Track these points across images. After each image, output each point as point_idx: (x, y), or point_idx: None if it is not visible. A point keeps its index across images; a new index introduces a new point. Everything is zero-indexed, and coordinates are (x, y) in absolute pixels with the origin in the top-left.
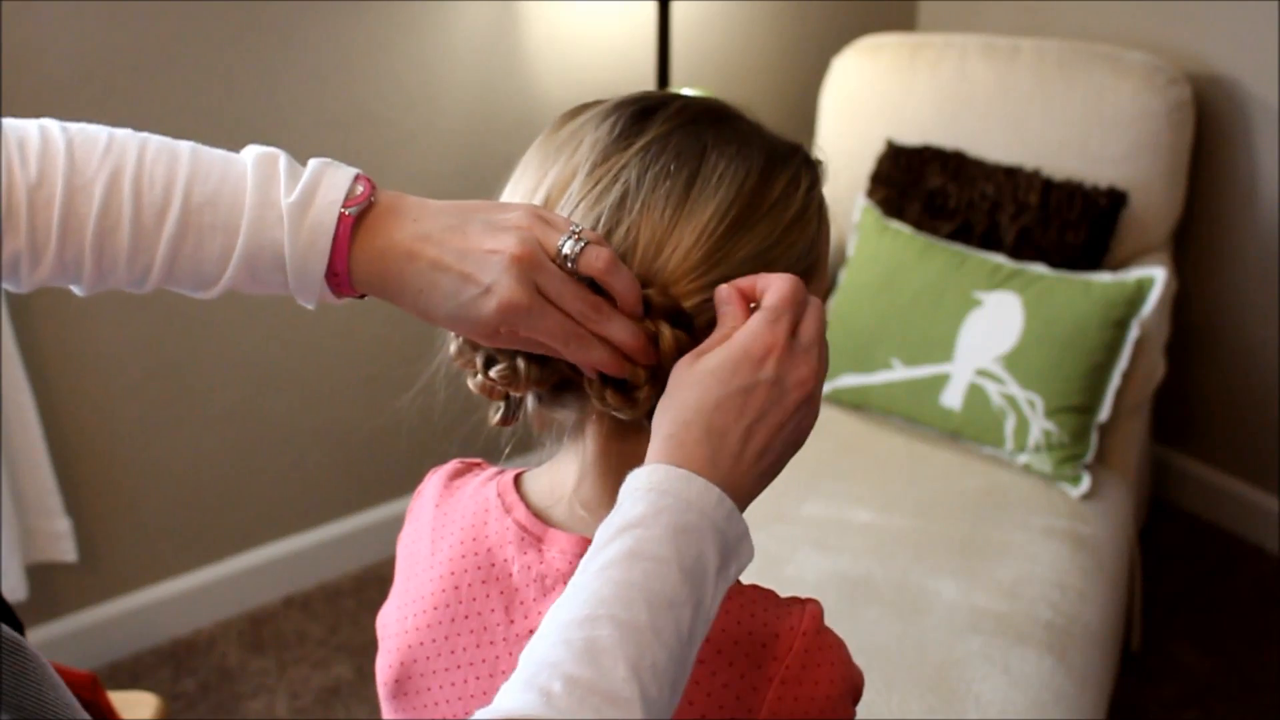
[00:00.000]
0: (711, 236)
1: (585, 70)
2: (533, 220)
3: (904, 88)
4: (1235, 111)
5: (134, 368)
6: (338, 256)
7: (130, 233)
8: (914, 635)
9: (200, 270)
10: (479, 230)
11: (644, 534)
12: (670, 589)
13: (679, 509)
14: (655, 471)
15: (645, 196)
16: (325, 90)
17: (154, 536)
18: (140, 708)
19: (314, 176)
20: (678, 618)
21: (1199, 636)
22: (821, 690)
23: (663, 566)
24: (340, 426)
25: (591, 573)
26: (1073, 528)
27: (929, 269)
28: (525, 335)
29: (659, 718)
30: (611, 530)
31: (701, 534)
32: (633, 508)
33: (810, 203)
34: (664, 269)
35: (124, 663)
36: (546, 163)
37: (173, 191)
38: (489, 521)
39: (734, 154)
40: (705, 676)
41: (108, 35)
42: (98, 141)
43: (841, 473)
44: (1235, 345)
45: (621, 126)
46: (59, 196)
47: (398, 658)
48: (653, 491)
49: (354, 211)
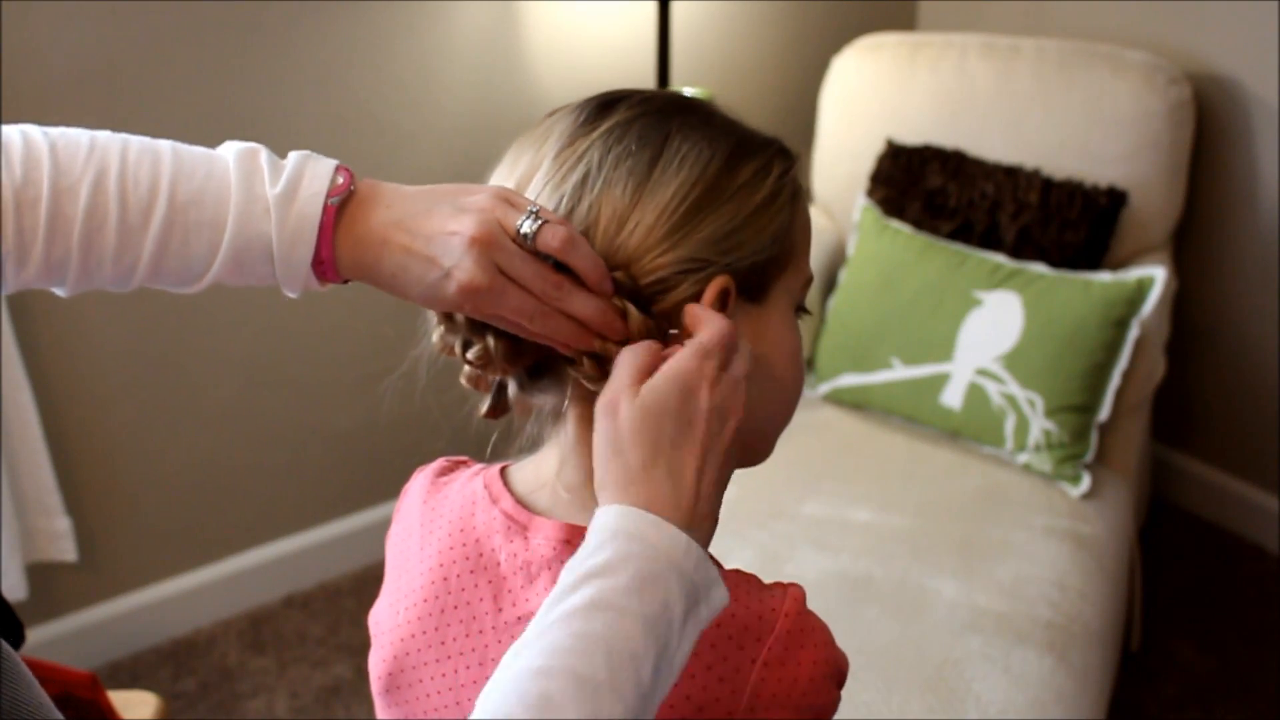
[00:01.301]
0: (674, 215)
1: (585, 70)
2: (495, 202)
3: (904, 87)
4: (1235, 111)
5: (134, 367)
6: (323, 245)
7: (117, 231)
8: (914, 635)
9: (187, 266)
10: (444, 214)
11: (608, 583)
12: (632, 642)
13: (646, 556)
14: (624, 516)
15: (607, 174)
16: (325, 90)
17: (154, 536)
18: (140, 708)
19: (297, 169)
20: (638, 670)
21: (1199, 636)
22: (805, 672)
23: (625, 618)
24: (340, 426)
25: (553, 619)
26: (1073, 527)
27: (929, 268)
28: (491, 313)
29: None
30: (576, 576)
31: (668, 582)
32: (598, 552)
33: (781, 189)
34: (625, 245)
35: (124, 663)
36: (520, 156)
37: (158, 189)
38: (476, 513)
39: (698, 138)
40: (689, 658)
41: (108, 35)
42: (80, 145)
43: (841, 472)
44: (1235, 345)
45: (587, 114)
46: (45, 198)
47: (390, 652)
48: (619, 536)
49: (336, 201)
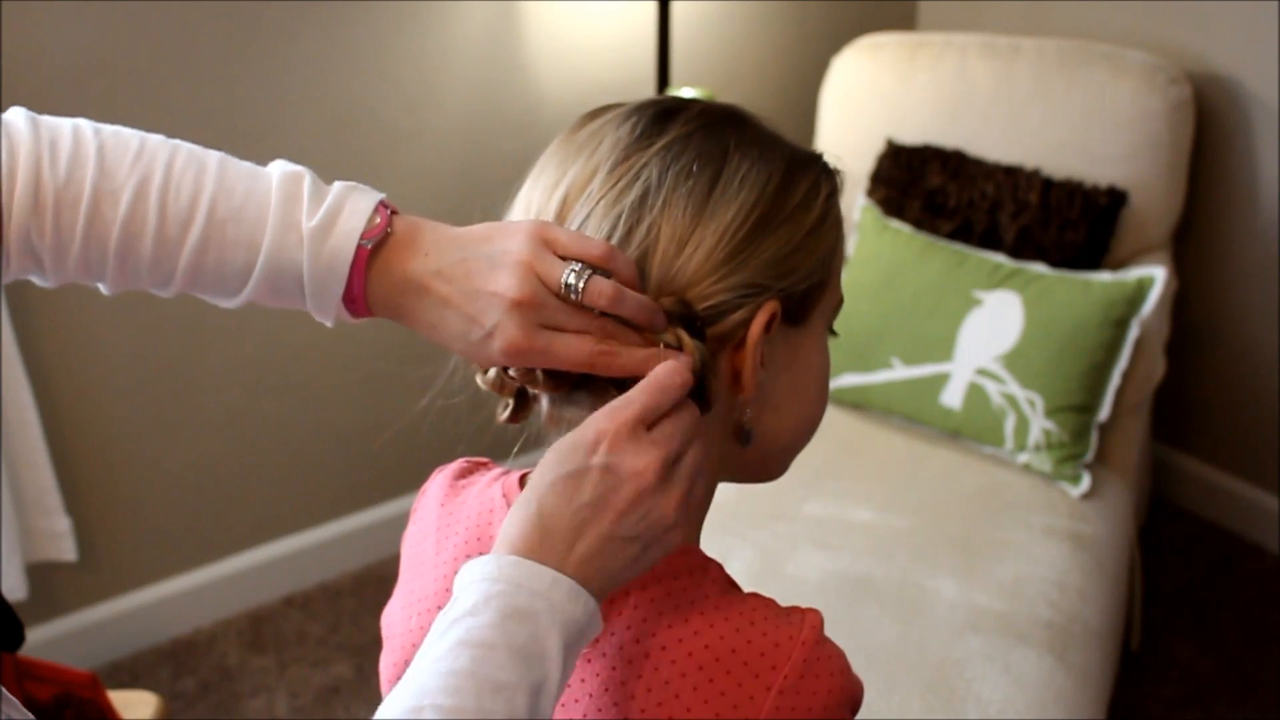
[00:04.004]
0: (734, 238)
1: (585, 70)
2: (534, 251)
3: (904, 87)
4: (1235, 111)
5: (134, 367)
6: (355, 284)
7: (154, 241)
8: (914, 635)
9: (223, 283)
10: (483, 267)
11: (473, 622)
12: (500, 672)
13: (509, 593)
14: (488, 563)
15: (666, 195)
16: (325, 90)
17: (154, 536)
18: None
19: (336, 201)
20: (510, 700)
21: (1199, 636)
22: (819, 700)
23: (491, 651)
24: (340, 426)
25: (423, 666)
26: (1073, 527)
27: (929, 268)
28: (542, 366)
29: None
30: (445, 623)
31: (535, 615)
32: (465, 599)
33: (830, 210)
34: (685, 268)
35: (124, 662)
36: (566, 162)
37: (198, 204)
38: (494, 521)
39: (757, 156)
40: (703, 683)
41: (108, 35)
42: (129, 148)
43: (841, 472)
44: (1235, 345)
45: (643, 127)
46: (85, 200)
47: (402, 656)
48: (484, 580)
49: (370, 244)
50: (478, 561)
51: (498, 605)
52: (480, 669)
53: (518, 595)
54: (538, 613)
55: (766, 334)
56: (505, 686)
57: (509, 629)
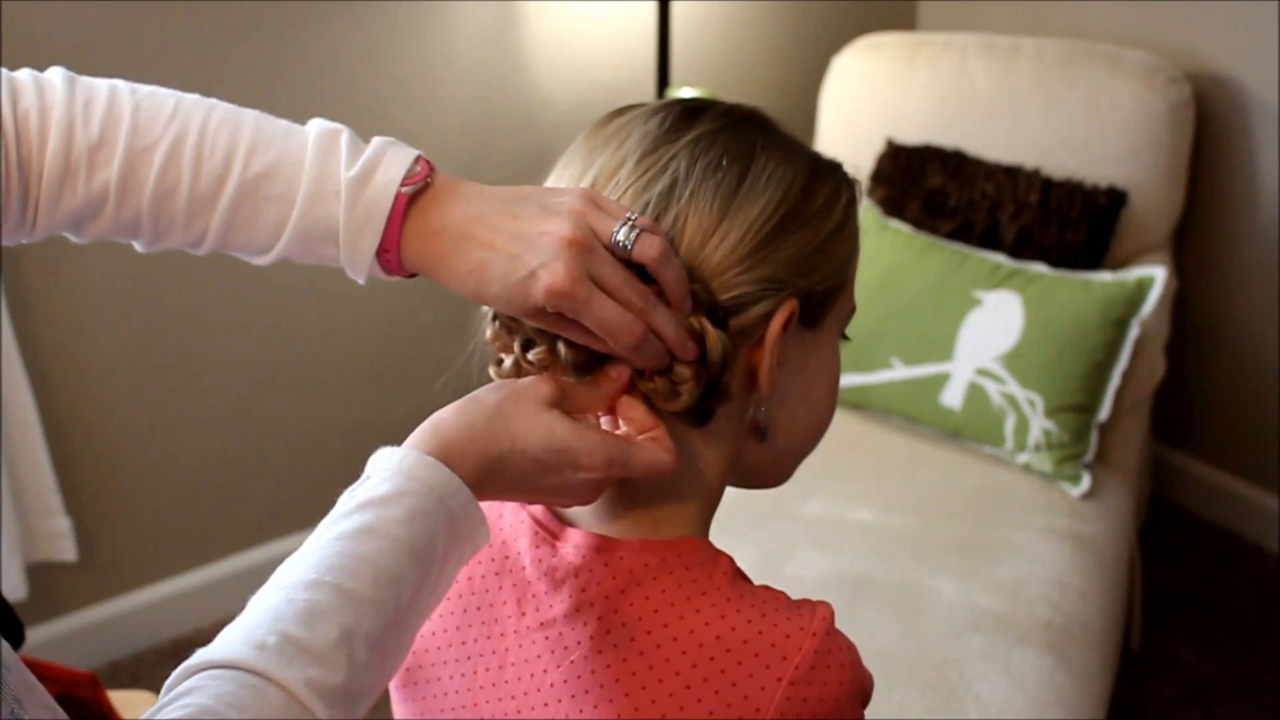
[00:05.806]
0: (760, 233)
1: (585, 70)
2: (586, 204)
3: (904, 87)
4: (1235, 111)
5: (134, 367)
6: (390, 234)
7: (187, 198)
8: (914, 635)
9: (254, 238)
10: (533, 213)
11: (384, 513)
12: (398, 567)
13: (422, 494)
14: (408, 456)
15: (694, 187)
16: (325, 90)
17: (154, 536)
18: (140, 707)
19: (376, 153)
20: (399, 593)
21: (1199, 636)
22: (830, 692)
23: (395, 545)
24: (340, 425)
25: (327, 540)
26: (1073, 527)
27: (929, 268)
28: (571, 319)
29: (367, 680)
30: (353, 504)
31: (436, 519)
32: (379, 485)
33: (849, 217)
34: (710, 260)
35: (124, 662)
36: (594, 154)
37: (233, 160)
38: (504, 515)
39: (783, 157)
40: (714, 674)
41: (107, 34)
42: (164, 107)
43: (841, 472)
44: (1235, 345)
45: (671, 121)
46: (119, 158)
47: (413, 660)
48: (400, 475)
49: (410, 190)
50: (398, 453)
51: (409, 504)
52: (381, 560)
53: (428, 499)
54: (438, 518)
55: (784, 332)
56: (399, 580)
57: (415, 528)
